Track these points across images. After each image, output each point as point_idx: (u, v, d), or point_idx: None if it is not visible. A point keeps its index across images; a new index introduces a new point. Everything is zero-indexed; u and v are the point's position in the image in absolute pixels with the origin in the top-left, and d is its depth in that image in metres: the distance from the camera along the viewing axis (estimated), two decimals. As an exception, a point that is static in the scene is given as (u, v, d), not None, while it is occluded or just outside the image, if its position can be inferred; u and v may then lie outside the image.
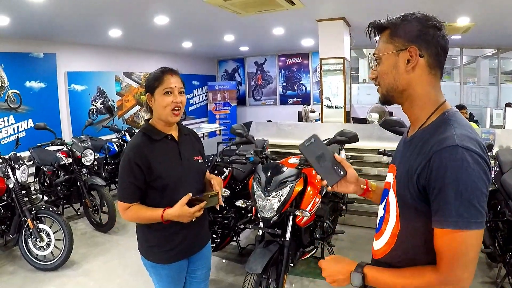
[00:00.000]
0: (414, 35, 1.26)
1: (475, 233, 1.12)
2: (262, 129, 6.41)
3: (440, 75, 1.31)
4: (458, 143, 1.13)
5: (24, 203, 4.32)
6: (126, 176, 2.05)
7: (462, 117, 1.26)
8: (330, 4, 6.31)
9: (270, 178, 3.15)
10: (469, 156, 1.12)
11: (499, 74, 11.31)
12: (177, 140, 2.21)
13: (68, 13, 5.86)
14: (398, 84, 1.30)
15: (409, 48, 1.26)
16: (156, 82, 2.09)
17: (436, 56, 1.27)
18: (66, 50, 8.39)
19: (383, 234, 1.39)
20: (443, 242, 1.15)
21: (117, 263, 4.52)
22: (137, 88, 10.48)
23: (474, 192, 1.11)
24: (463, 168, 1.11)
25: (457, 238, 1.12)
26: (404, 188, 1.27)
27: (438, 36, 1.26)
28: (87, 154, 5.64)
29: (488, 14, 6.70)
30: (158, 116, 2.13)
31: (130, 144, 2.14)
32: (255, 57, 13.41)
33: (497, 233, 3.64)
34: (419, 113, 1.31)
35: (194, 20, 7.06)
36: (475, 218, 1.11)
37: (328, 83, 7.64)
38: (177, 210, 1.99)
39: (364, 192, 1.63)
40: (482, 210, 1.12)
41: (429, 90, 1.29)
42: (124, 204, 2.07)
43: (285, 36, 9.24)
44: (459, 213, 1.11)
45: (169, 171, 2.10)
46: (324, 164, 1.52)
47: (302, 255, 3.59)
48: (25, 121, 7.55)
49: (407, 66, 1.27)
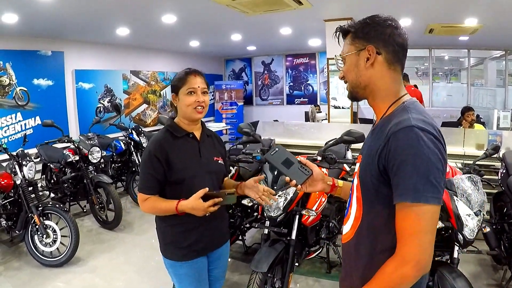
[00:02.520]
0: (372, 35, 1.37)
1: (432, 208, 1.18)
2: (269, 128, 6.41)
3: (401, 70, 1.41)
4: (413, 124, 1.21)
5: (31, 200, 4.34)
6: (146, 168, 2.11)
7: (421, 105, 1.37)
8: (338, 4, 6.30)
9: (277, 177, 3.16)
10: (425, 136, 1.20)
11: (506, 76, 11.23)
12: (198, 139, 2.25)
13: (76, 11, 5.88)
14: (361, 81, 1.41)
15: (367, 47, 1.37)
16: (180, 82, 2.17)
17: (394, 53, 1.36)
18: (74, 48, 8.41)
19: (349, 219, 1.48)
20: (401, 216, 1.22)
21: (123, 260, 4.53)
22: (144, 87, 10.50)
23: (430, 168, 1.17)
24: (419, 145, 1.18)
25: (413, 211, 1.18)
26: (365, 172, 1.35)
27: (395, 35, 1.35)
28: (94, 151, 5.66)
29: (496, 16, 6.65)
30: (182, 114, 2.21)
31: (152, 138, 2.20)
32: (262, 57, 13.40)
33: (503, 235, 3.63)
34: (381, 105, 1.42)
35: (201, 19, 7.06)
36: (431, 193, 1.17)
37: (335, 83, 7.63)
38: (190, 202, 2.02)
39: (331, 189, 1.78)
40: (438, 186, 1.18)
41: (389, 83, 1.39)
42: (143, 195, 2.13)
43: (292, 36, 9.23)
44: (416, 188, 1.17)
45: (187, 167, 2.14)
46: (291, 167, 1.68)
47: (308, 254, 3.60)
48: (33, 118, 7.58)
49: (366, 63, 1.38)
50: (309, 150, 5.32)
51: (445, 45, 10.72)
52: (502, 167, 3.78)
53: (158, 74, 10.97)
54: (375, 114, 1.48)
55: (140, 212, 6.15)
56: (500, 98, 11.36)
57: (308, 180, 1.69)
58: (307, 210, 3.18)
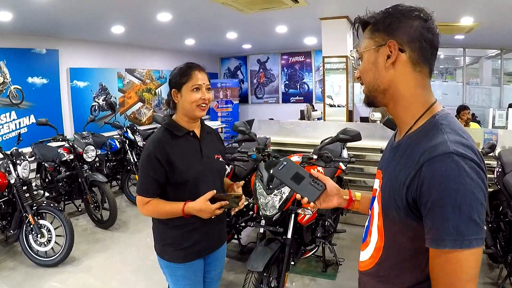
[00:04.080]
0: (394, 28, 1.14)
1: (476, 251, 0.98)
2: (264, 127, 6.39)
3: (429, 73, 1.18)
4: (452, 150, 1.00)
5: (25, 199, 4.31)
6: (146, 170, 2.03)
7: (455, 120, 1.14)
8: (334, 2, 6.29)
9: (272, 176, 3.14)
10: (466, 165, 0.99)
11: (501, 75, 11.29)
12: (198, 137, 2.19)
13: (71, 9, 5.85)
14: (379, 83, 1.19)
15: (388, 42, 1.15)
16: (183, 78, 2.07)
17: (421, 51, 1.14)
18: (68, 46, 8.39)
19: (368, 246, 1.30)
20: (438, 264, 1.02)
21: (118, 259, 4.52)
22: (140, 85, 10.48)
23: (474, 205, 0.97)
24: (461, 178, 0.98)
25: (455, 258, 0.98)
26: (389, 201, 1.15)
27: (423, 28, 1.13)
28: (88, 150, 5.64)
29: (492, 15, 6.67)
30: (184, 112, 2.11)
31: (151, 138, 2.11)
32: (258, 55, 13.40)
33: (498, 234, 3.63)
34: (404, 115, 1.20)
35: (197, 17, 7.04)
36: (476, 234, 0.97)
37: (330, 81, 7.62)
38: (199, 204, 1.97)
39: (348, 203, 1.54)
40: (482, 224, 0.98)
41: (415, 89, 1.17)
42: (143, 198, 2.04)
43: (288, 34, 9.23)
44: (458, 231, 0.97)
45: (190, 167, 2.07)
46: (301, 182, 1.48)
47: (304, 253, 3.59)
48: (27, 117, 7.55)
49: (386, 62, 1.16)
50: (305, 149, 5.32)
51: (441, 44, 10.22)
52: (498, 166, 3.78)
53: (153, 72, 10.95)
54: (397, 124, 1.26)
55: (136, 211, 6.13)
56: (496, 96, 11.41)
57: (321, 196, 1.48)
58: (302, 209, 3.17)
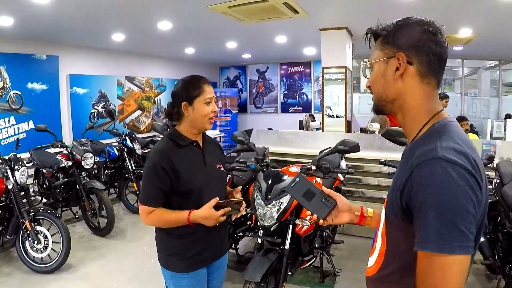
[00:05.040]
0: (404, 41, 1.18)
1: (460, 259, 0.98)
2: (263, 137, 6.39)
3: (437, 85, 1.22)
4: (440, 156, 1.02)
5: (23, 205, 4.30)
6: (151, 179, 2.03)
7: (456, 128, 1.15)
8: (333, 13, 6.33)
9: (271, 186, 3.14)
10: (454, 171, 1.00)
11: (500, 86, 11.35)
12: (201, 147, 2.22)
13: (72, 16, 5.87)
14: (387, 93, 1.23)
15: (397, 55, 1.18)
16: (196, 91, 2.09)
17: (428, 64, 1.18)
18: (69, 53, 8.40)
19: (374, 252, 1.32)
20: (422, 266, 1.04)
21: (114, 267, 4.49)
22: (139, 93, 10.49)
23: (459, 212, 0.98)
24: (446, 183, 0.99)
25: (436, 263, 0.99)
26: (389, 205, 1.19)
27: (432, 42, 1.16)
28: (87, 157, 5.63)
29: (490, 26, 6.71)
30: (193, 124, 2.13)
31: (155, 148, 2.12)
32: (257, 65, 13.44)
33: (497, 245, 3.63)
34: (411, 125, 1.23)
35: (197, 26, 7.07)
36: (460, 241, 0.97)
37: (329, 92, 7.64)
38: (204, 212, 1.99)
39: (360, 219, 1.53)
40: (468, 232, 0.98)
41: (421, 101, 1.20)
42: (147, 208, 2.04)
43: (287, 44, 9.26)
44: (440, 235, 0.98)
45: (194, 176, 2.09)
46: (312, 199, 1.49)
47: (301, 264, 3.58)
48: (26, 122, 7.54)
49: (395, 74, 1.19)
50: (303, 159, 5.32)
51: None
52: (496, 177, 3.78)
53: (153, 80, 10.97)
54: (405, 133, 1.29)
55: (133, 219, 6.11)
56: (494, 107, 11.46)
57: (332, 212, 1.49)
58: (301, 219, 3.16)
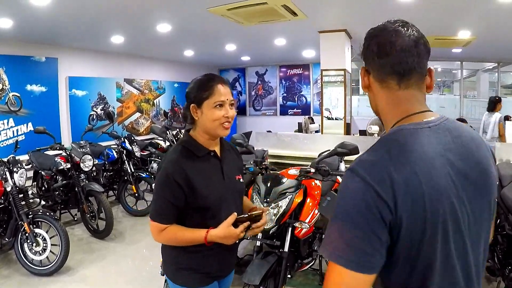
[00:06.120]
0: (363, 53, 1.16)
1: (342, 271, 0.96)
2: (262, 139, 6.38)
3: (398, 84, 1.10)
4: (350, 167, 1.02)
5: (21, 207, 4.29)
6: (163, 194, 1.83)
7: (405, 135, 1.04)
8: (332, 15, 6.35)
9: (270, 189, 3.14)
10: (353, 182, 0.99)
11: (499, 88, 11.38)
12: (219, 157, 2.00)
13: (71, 18, 5.88)
14: (372, 105, 1.21)
15: (361, 68, 1.18)
16: (205, 92, 1.87)
17: (379, 66, 1.11)
18: (68, 55, 8.42)
19: None
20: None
21: (114, 270, 4.48)
22: (138, 95, 10.50)
23: (345, 223, 0.97)
24: (342, 193, 1.02)
25: (329, 266, 1.00)
26: None
27: (374, 45, 1.11)
28: (86, 159, 5.62)
29: (489, 28, 6.73)
30: (204, 129, 1.91)
31: (168, 158, 1.89)
32: (256, 67, 13.45)
33: (496, 247, 3.63)
34: (386, 131, 1.16)
35: (196, 29, 7.07)
36: (344, 254, 0.96)
37: (328, 94, 7.65)
38: (223, 231, 1.81)
39: None
40: (354, 247, 0.95)
41: (386, 106, 1.14)
42: (159, 225, 1.85)
43: (286, 46, 9.28)
44: (329, 241, 1.00)
45: (212, 191, 1.88)
46: None
47: (300, 266, 3.57)
48: (25, 124, 7.56)
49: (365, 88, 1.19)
50: (302, 162, 5.31)
51: (438, 57, 10.81)
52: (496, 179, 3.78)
53: (152, 82, 10.98)
54: None
55: (132, 222, 6.11)
56: (492, 110, 11.47)
57: None
58: (300, 222, 3.16)
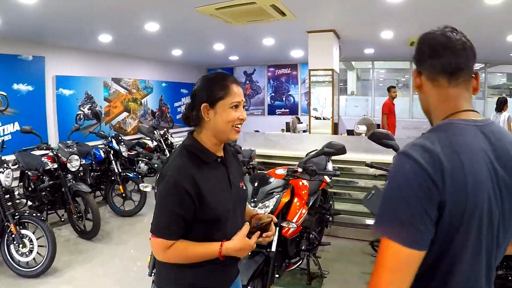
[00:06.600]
0: (415, 57, 1.28)
1: (394, 247, 1.02)
2: (250, 139, 6.39)
3: (447, 81, 1.19)
4: (402, 150, 1.09)
5: (7, 208, 4.25)
6: (169, 205, 1.61)
7: (455, 129, 1.12)
8: (321, 16, 6.36)
9: (257, 189, 3.15)
10: (407, 163, 1.05)
11: (485, 88, 11.57)
12: (226, 164, 1.84)
13: (58, 16, 5.84)
14: (423, 106, 1.28)
15: (413, 71, 1.28)
16: (220, 92, 1.70)
17: (431, 66, 1.21)
18: (55, 54, 8.35)
19: None
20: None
21: (101, 271, 4.45)
22: (125, 95, 10.46)
23: (398, 201, 1.03)
24: (396, 173, 1.07)
25: (382, 242, 1.05)
26: None
27: (424, 46, 1.26)
28: (72, 159, 5.58)
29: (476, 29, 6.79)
30: (215, 132, 1.75)
31: (172, 164, 1.69)
32: (244, 67, 13.49)
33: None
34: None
35: (184, 28, 7.07)
36: (396, 230, 1.02)
37: (316, 94, 7.69)
38: (238, 243, 1.67)
39: None
40: (407, 224, 1.01)
41: (436, 103, 1.22)
42: (165, 242, 1.62)
43: (275, 46, 9.30)
44: (381, 218, 1.07)
45: (220, 202, 1.70)
46: None
47: (288, 266, 3.59)
48: (11, 124, 7.48)
49: (417, 89, 1.28)
50: (290, 161, 5.33)
51: None
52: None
53: (140, 82, 10.94)
54: None
55: (119, 222, 6.08)
56: (479, 109, 11.62)
57: None
58: (287, 222, 3.17)
